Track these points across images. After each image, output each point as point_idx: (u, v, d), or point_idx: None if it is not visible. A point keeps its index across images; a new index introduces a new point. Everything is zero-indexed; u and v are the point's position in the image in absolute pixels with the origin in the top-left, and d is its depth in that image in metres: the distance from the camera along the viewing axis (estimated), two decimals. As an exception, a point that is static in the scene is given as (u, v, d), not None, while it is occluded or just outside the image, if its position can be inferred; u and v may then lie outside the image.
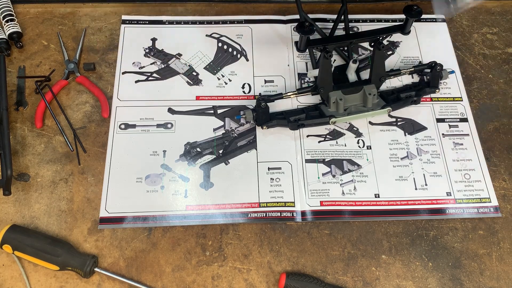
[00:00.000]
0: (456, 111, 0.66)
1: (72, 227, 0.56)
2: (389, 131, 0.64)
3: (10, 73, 0.66)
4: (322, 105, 0.63)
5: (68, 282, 0.52)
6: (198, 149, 0.61)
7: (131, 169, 0.59)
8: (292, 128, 0.62)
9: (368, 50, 0.70)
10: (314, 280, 0.52)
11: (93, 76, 0.67)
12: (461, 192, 0.60)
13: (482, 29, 0.75)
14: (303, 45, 0.59)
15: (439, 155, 0.62)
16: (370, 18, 0.74)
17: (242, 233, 0.56)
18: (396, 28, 0.62)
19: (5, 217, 0.56)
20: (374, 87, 0.62)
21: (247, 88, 0.66)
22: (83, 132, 0.62)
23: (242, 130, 0.63)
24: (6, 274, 0.53)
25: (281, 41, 0.71)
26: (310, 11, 0.74)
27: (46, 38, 0.70)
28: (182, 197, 0.58)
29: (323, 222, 0.57)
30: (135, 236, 0.55)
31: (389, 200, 0.59)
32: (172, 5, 0.74)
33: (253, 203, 0.57)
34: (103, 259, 0.54)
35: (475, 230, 0.58)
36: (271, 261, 0.55)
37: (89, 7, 0.73)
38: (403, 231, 0.57)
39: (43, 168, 0.59)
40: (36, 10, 0.72)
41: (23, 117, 0.63)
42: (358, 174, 0.60)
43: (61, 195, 0.57)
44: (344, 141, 0.62)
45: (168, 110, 0.64)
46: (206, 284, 0.53)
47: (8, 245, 0.52)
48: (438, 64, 0.65)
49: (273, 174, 0.60)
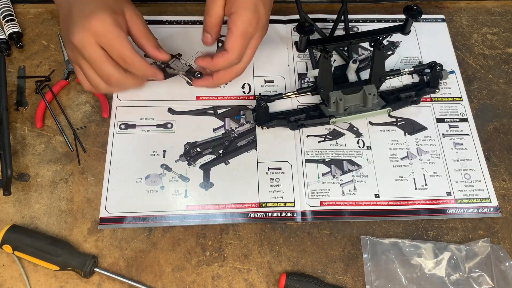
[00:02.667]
0: (456, 111, 0.66)
1: (72, 227, 0.56)
2: (389, 131, 0.64)
3: (10, 73, 0.66)
4: (322, 105, 0.63)
5: (68, 282, 0.52)
6: (198, 149, 0.61)
7: (131, 169, 0.59)
8: (292, 128, 0.62)
9: (368, 50, 0.70)
10: (314, 280, 0.52)
11: (93, 76, 0.67)
12: (461, 192, 0.60)
13: (482, 29, 0.75)
14: (303, 45, 0.59)
15: (439, 155, 0.62)
16: (370, 18, 0.74)
17: (242, 233, 0.56)
18: (396, 28, 0.62)
19: (5, 217, 0.56)
20: (374, 87, 0.62)
21: (247, 88, 0.66)
22: (83, 132, 0.62)
23: (242, 130, 0.63)
24: (6, 274, 0.53)
25: (281, 41, 0.71)
26: (310, 11, 0.74)
27: (46, 38, 0.70)
28: (182, 197, 0.58)
29: (323, 222, 0.57)
30: (135, 236, 0.55)
31: (389, 200, 0.59)
32: (172, 5, 0.74)
33: (253, 203, 0.57)
34: (103, 259, 0.54)
35: (475, 230, 0.58)
36: (271, 261, 0.55)
37: (89, 7, 0.73)
38: (403, 231, 0.57)
39: (43, 168, 0.59)
40: (36, 10, 0.72)
41: (23, 117, 0.63)
42: (358, 174, 0.60)
43: (61, 195, 0.58)
44: (344, 141, 0.63)
45: (168, 110, 0.64)
46: (206, 284, 0.53)
47: (8, 245, 0.52)
48: (438, 64, 0.65)
49: (273, 174, 0.60)
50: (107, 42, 0.50)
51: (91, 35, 0.49)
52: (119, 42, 0.50)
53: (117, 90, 0.63)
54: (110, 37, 0.50)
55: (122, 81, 0.53)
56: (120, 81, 0.53)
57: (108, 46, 0.50)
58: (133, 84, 0.55)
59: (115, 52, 0.51)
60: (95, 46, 0.50)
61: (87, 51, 0.50)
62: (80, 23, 0.49)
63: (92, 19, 0.49)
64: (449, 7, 0.77)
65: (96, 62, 0.51)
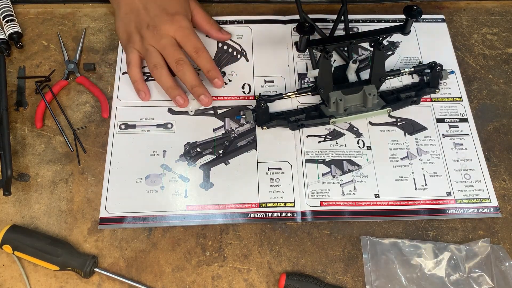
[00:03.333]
0: (456, 111, 0.66)
1: (72, 227, 0.56)
2: (389, 131, 0.64)
3: (10, 73, 0.66)
4: (322, 105, 0.63)
5: (68, 282, 0.52)
6: (198, 149, 0.61)
7: (131, 169, 0.59)
8: (292, 128, 0.62)
9: (368, 50, 0.70)
10: (314, 280, 0.52)
11: (93, 77, 0.67)
12: (461, 192, 0.60)
13: (482, 29, 0.75)
14: (303, 45, 0.59)
15: (439, 155, 0.62)
16: (370, 18, 0.74)
17: (242, 233, 0.56)
18: (396, 29, 0.62)
19: (5, 217, 0.56)
20: (374, 87, 0.62)
21: (247, 88, 0.66)
22: (83, 132, 0.62)
23: (242, 130, 0.63)
24: (6, 274, 0.53)
25: (281, 41, 0.71)
26: (310, 11, 0.74)
27: (46, 38, 0.70)
28: (182, 197, 0.58)
29: (323, 222, 0.57)
30: (135, 236, 0.55)
31: (389, 200, 0.59)
32: (172, 5, 0.74)
33: (253, 203, 0.57)
34: (103, 259, 0.54)
35: (475, 230, 0.58)
36: (271, 261, 0.55)
37: (89, 7, 0.73)
38: (403, 231, 0.57)
39: (43, 168, 0.59)
40: (36, 10, 0.72)
41: (23, 117, 0.63)
42: (358, 174, 0.60)
43: (61, 195, 0.58)
44: (344, 141, 0.63)
45: (168, 110, 0.64)
46: (206, 284, 0.53)
47: (8, 245, 0.52)
48: (438, 64, 0.65)
49: (273, 174, 0.60)
50: (184, 35, 0.62)
51: (173, 28, 0.62)
52: (193, 35, 0.63)
53: (169, 83, 0.63)
54: (187, 32, 0.63)
55: (189, 70, 0.62)
56: (187, 69, 0.61)
57: (184, 37, 0.62)
58: (194, 75, 0.62)
59: (189, 43, 0.62)
60: (171, 38, 0.62)
61: (165, 39, 0.62)
62: (163, 19, 0.62)
63: (175, 18, 0.62)
64: (449, 7, 0.77)
65: (172, 47, 0.62)
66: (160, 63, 0.62)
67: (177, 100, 0.62)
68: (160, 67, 0.62)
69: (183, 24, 0.62)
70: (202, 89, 0.62)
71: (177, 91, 0.62)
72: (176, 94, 0.62)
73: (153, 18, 0.62)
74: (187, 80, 0.62)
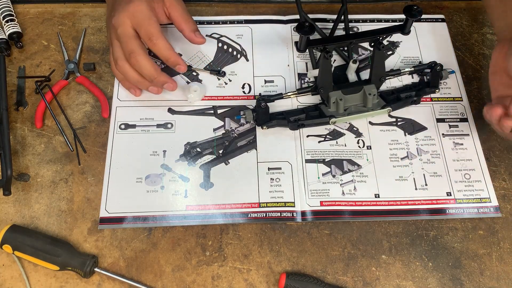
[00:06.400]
0: (456, 111, 0.66)
1: (72, 227, 0.56)
2: (389, 131, 0.64)
3: (10, 73, 0.66)
4: (322, 105, 0.63)
5: (68, 282, 0.52)
6: (198, 149, 0.61)
7: (131, 169, 0.59)
8: (292, 128, 0.62)
9: (368, 50, 0.70)
10: (314, 280, 0.52)
11: (93, 76, 0.67)
12: (461, 192, 0.60)
13: (482, 29, 0.75)
14: (303, 45, 0.59)
15: (439, 155, 0.62)
16: (370, 18, 0.74)
17: (242, 233, 0.56)
18: (396, 28, 0.62)
19: (5, 217, 0.56)
20: (374, 87, 0.62)
21: (247, 88, 0.66)
22: (83, 132, 0.62)
23: (242, 130, 0.63)
24: (6, 274, 0.53)
25: (281, 41, 0.71)
26: (310, 11, 0.74)
27: (46, 38, 0.70)
28: (182, 197, 0.58)
29: (323, 222, 0.57)
30: (135, 236, 0.55)
31: (389, 200, 0.59)
32: (172, 5, 0.74)
33: (253, 203, 0.57)
34: (103, 259, 0.54)
35: (475, 230, 0.58)
36: (271, 261, 0.55)
37: (89, 7, 0.73)
38: (403, 231, 0.57)
39: (43, 168, 0.59)
40: (36, 10, 0.72)
41: (23, 117, 0.63)
42: (358, 174, 0.60)
43: (61, 195, 0.58)
44: (344, 141, 0.63)
45: (168, 110, 0.64)
46: (206, 284, 0.53)
47: (8, 245, 0.52)
48: (438, 64, 0.65)
49: (273, 174, 0.60)
50: (138, 22, 0.57)
51: (126, 15, 0.57)
52: (148, 21, 0.57)
53: (135, 77, 0.61)
54: (141, 17, 0.57)
55: (143, 62, 0.57)
56: (141, 61, 0.57)
57: (137, 25, 0.57)
58: (150, 67, 0.58)
59: (143, 30, 0.57)
60: (127, 26, 0.57)
61: (120, 28, 0.57)
62: (121, 7, 0.57)
63: (130, 4, 0.57)
64: (449, 7, 0.77)
65: (125, 38, 0.57)
66: (121, 56, 0.58)
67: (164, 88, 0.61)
68: (123, 62, 0.59)
69: (137, 9, 0.57)
70: (163, 78, 0.59)
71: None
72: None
73: (115, 7, 0.58)
74: (144, 74, 0.58)
